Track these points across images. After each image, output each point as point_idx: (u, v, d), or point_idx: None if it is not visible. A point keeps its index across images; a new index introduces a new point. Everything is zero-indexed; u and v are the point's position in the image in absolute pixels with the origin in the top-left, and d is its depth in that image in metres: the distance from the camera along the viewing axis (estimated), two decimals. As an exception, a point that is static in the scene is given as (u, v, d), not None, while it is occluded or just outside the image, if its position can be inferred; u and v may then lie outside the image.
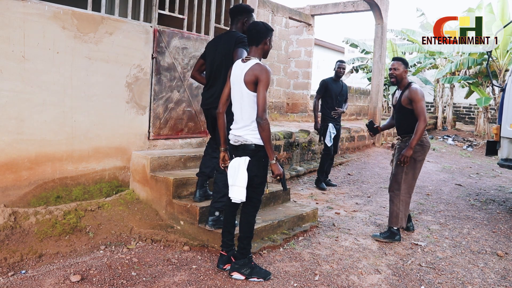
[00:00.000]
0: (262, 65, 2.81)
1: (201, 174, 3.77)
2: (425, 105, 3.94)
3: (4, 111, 3.38)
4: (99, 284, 2.84)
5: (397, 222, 4.04)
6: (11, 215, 3.34)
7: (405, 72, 4.04)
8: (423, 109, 3.90)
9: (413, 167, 4.02)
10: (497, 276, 3.34)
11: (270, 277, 3.03)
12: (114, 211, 3.85)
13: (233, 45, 3.35)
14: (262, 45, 2.90)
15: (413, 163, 4.00)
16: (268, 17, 10.24)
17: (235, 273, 3.01)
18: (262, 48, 2.92)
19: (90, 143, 3.94)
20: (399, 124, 4.18)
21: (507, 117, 5.28)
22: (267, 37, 2.90)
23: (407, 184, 4.04)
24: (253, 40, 2.90)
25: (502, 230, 4.55)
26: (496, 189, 6.66)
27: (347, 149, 8.68)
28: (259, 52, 2.92)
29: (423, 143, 4.01)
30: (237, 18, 3.54)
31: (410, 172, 4.03)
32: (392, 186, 4.13)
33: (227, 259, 3.09)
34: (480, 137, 13.05)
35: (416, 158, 4.00)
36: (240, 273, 3.00)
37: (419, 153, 4.01)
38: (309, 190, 5.97)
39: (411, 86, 4.00)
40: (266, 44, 2.91)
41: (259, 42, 2.89)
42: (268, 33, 2.90)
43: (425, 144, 4.03)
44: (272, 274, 3.09)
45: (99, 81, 3.93)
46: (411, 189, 4.08)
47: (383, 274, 3.27)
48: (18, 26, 3.40)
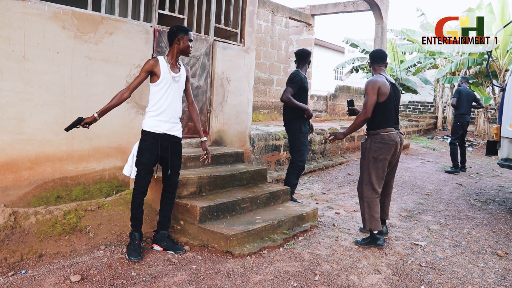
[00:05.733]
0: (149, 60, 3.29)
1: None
2: (371, 100, 3.68)
3: (4, 111, 3.38)
4: (99, 284, 2.84)
5: (365, 225, 3.86)
6: (11, 215, 3.34)
7: (373, 68, 3.93)
8: (367, 101, 3.69)
9: (374, 166, 3.78)
10: (497, 276, 3.33)
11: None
12: (114, 211, 3.85)
13: None
14: (174, 44, 3.30)
15: (374, 162, 3.78)
16: (268, 17, 10.24)
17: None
18: (175, 47, 3.30)
19: (90, 143, 3.94)
20: None
21: (507, 117, 5.29)
22: (176, 37, 3.28)
23: (369, 185, 3.80)
24: (168, 42, 3.38)
25: (502, 230, 4.55)
26: (496, 189, 6.66)
27: (347, 149, 8.68)
28: (171, 50, 3.33)
29: (385, 141, 3.75)
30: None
31: (372, 172, 3.79)
32: (358, 187, 3.97)
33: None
34: (480, 137, 13.05)
35: (377, 157, 3.76)
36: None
37: (380, 151, 3.75)
38: (309, 190, 5.97)
39: (369, 78, 3.86)
40: (177, 43, 3.29)
41: (171, 42, 3.32)
42: (178, 33, 3.28)
43: (387, 142, 3.75)
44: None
45: (99, 81, 3.93)
46: (374, 190, 3.81)
47: (383, 274, 3.26)
48: (18, 26, 3.40)
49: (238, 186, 4.50)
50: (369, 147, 3.82)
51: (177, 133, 3.40)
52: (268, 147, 6.33)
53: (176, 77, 3.31)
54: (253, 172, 4.68)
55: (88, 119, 3.13)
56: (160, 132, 3.29)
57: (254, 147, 6.00)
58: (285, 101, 4.80)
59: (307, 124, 4.94)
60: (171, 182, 3.47)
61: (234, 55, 5.38)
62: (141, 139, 3.35)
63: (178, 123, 3.42)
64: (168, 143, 3.34)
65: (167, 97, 3.29)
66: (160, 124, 3.29)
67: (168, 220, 3.53)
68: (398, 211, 5.10)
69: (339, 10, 11.53)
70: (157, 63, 3.24)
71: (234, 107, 5.44)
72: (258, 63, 9.90)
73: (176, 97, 3.35)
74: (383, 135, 3.77)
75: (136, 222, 3.37)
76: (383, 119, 3.79)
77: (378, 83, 3.72)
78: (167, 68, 3.27)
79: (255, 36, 5.77)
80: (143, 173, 3.32)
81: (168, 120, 3.31)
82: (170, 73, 3.27)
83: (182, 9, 4.76)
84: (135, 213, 3.36)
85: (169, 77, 3.27)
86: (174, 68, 3.32)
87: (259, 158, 6.18)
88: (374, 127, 3.82)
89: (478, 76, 13.19)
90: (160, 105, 3.27)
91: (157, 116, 3.28)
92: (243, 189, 4.45)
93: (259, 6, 9.41)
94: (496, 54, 12.07)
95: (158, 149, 3.30)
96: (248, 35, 5.56)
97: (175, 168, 3.47)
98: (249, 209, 4.16)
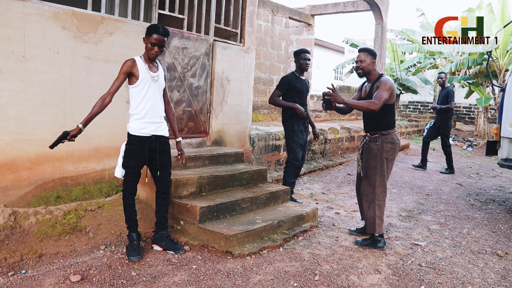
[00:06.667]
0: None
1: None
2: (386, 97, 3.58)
3: (4, 111, 3.38)
4: (99, 284, 2.84)
5: (375, 228, 3.75)
6: (11, 215, 3.34)
7: (373, 63, 3.72)
8: (382, 96, 3.56)
9: (386, 167, 3.74)
10: (497, 276, 3.33)
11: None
12: (114, 211, 3.85)
13: None
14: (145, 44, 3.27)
15: (385, 163, 3.72)
16: (268, 17, 10.23)
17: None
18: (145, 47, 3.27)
19: (90, 143, 3.94)
20: (368, 119, 3.85)
21: (507, 117, 5.29)
22: (145, 37, 3.25)
23: (382, 187, 3.74)
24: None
25: (502, 230, 4.55)
26: (496, 189, 6.66)
27: (347, 149, 8.68)
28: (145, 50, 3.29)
29: (394, 141, 3.73)
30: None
31: (385, 173, 3.73)
32: (366, 190, 3.82)
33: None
34: (480, 137, 13.06)
35: (388, 158, 3.72)
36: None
37: (390, 152, 3.72)
38: (309, 190, 5.97)
39: (382, 77, 3.71)
40: (144, 43, 3.26)
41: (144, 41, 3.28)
42: (146, 34, 3.22)
43: (396, 142, 3.75)
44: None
45: (99, 81, 3.93)
46: (384, 193, 3.77)
47: (383, 274, 3.26)
48: (18, 26, 3.40)
49: (238, 186, 4.50)
50: (381, 148, 3.72)
51: (163, 133, 3.37)
52: (268, 147, 6.34)
53: (155, 77, 3.27)
54: (253, 172, 4.68)
55: (73, 131, 3.06)
56: (147, 135, 3.27)
57: (254, 147, 6.00)
58: (271, 103, 4.89)
59: (302, 123, 4.87)
60: (164, 182, 3.45)
61: (234, 55, 5.38)
62: (127, 143, 3.32)
63: (163, 122, 3.40)
64: (156, 144, 3.32)
65: (149, 97, 3.24)
66: (146, 126, 3.25)
67: (165, 220, 3.52)
68: (398, 211, 5.10)
69: (339, 10, 11.53)
70: (135, 64, 3.19)
71: (234, 107, 5.44)
72: (258, 63, 9.90)
73: (157, 97, 3.30)
74: (393, 135, 3.75)
75: (131, 223, 3.36)
76: (392, 120, 3.80)
77: (393, 84, 3.68)
78: (145, 68, 3.22)
79: (255, 36, 5.77)
80: (132, 176, 3.31)
81: (153, 121, 3.28)
82: (149, 73, 3.22)
83: (182, 9, 4.76)
84: (128, 214, 3.35)
85: (148, 77, 3.21)
86: (152, 68, 3.27)
87: (259, 158, 6.18)
88: (386, 128, 3.73)
89: (478, 76, 13.19)
90: (143, 106, 3.22)
91: (141, 118, 3.23)
92: (243, 189, 4.45)
93: (259, 6, 9.41)
94: (496, 54, 12.07)
95: (145, 151, 3.27)
96: (248, 35, 5.56)
97: (166, 168, 3.44)
98: (249, 209, 4.16)
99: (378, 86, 3.65)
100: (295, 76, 4.87)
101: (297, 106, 4.77)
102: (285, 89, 4.82)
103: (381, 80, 3.68)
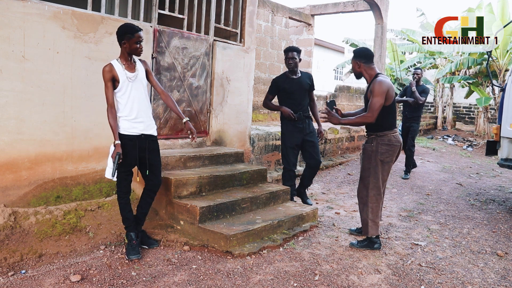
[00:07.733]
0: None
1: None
2: (381, 102, 3.46)
3: (4, 111, 3.38)
4: (99, 284, 2.84)
5: (367, 231, 3.71)
6: (11, 215, 3.34)
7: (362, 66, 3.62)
8: (375, 105, 3.44)
9: (381, 170, 3.65)
10: (497, 276, 3.33)
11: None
12: (114, 211, 3.85)
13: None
14: (122, 46, 3.25)
15: (380, 165, 3.63)
16: (268, 17, 10.23)
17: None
18: (123, 49, 3.25)
19: (90, 143, 3.94)
20: None
21: (507, 117, 5.28)
22: (122, 40, 3.22)
23: (376, 189, 3.66)
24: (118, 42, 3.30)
25: (502, 230, 4.55)
26: (496, 189, 6.66)
27: (347, 149, 8.68)
28: (122, 51, 3.27)
29: (391, 143, 3.61)
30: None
31: (379, 176, 3.65)
32: (360, 192, 3.78)
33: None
34: (480, 137, 13.05)
35: (384, 160, 3.62)
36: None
37: (386, 154, 3.61)
38: (309, 190, 5.97)
39: (377, 77, 3.55)
40: (124, 45, 3.23)
41: (120, 43, 3.25)
42: (124, 36, 3.20)
43: (394, 144, 3.62)
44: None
45: (99, 81, 3.91)
46: (380, 195, 3.69)
47: (383, 274, 3.26)
48: (18, 26, 3.40)
49: (238, 186, 4.50)
50: (376, 150, 3.62)
51: (152, 131, 3.40)
52: (268, 147, 6.34)
53: (133, 77, 3.27)
54: (253, 172, 4.68)
55: (118, 148, 3.19)
56: (136, 134, 3.31)
57: (254, 147, 6.00)
58: (264, 106, 4.94)
59: (296, 124, 4.71)
60: (155, 182, 3.47)
61: (234, 55, 5.38)
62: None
63: (152, 121, 3.43)
64: (145, 143, 3.36)
65: (133, 98, 3.27)
66: (135, 125, 3.30)
67: (144, 216, 3.55)
68: (398, 211, 5.10)
69: (339, 10, 11.51)
70: (112, 68, 3.20)
71: (234, 107, 5.44)
72: (258, 63, 9.90)
73: (142, 96, 3.33)
74: (390, 137, 3.62)
75: (128, 223, 3.39)
76: (390, 122, 3.65)
77: (387, 86, 3.51)
78: (122, 70, 3.24)
79: (255, 36, 5.76)
80: (124, 175, 3.34)
81: (142, 120, 3.32)
82: (126, 74, 3.25)
83: (182, 9, 4.76)
84: (124, 214, 3.39)
85: (127, 79, 3.25)
86: (130, 69, 3.28)
87: (259, 158, 6.18)
88: (382, 129, 3.62)
89: (478, 76, 13.19)
90: (130, 108, 3.27)
91: (131, 120, 3.28)
92: (243, 189, 4.45)
93: (259, 6, 9.41)
94: (496, 54, 12.06)
95: (136, 150, 3.31)
96: (248, 35, 5.56)
97: (156, 167, 3.46)
98: (249, 209, 4.16)
99: (372, 90, 3.52)
100: (285, 76, 4.75)
101: (283, 108, 4.69)
102: (274, 91, 4.79)
103: (374, 83, 3.53)
